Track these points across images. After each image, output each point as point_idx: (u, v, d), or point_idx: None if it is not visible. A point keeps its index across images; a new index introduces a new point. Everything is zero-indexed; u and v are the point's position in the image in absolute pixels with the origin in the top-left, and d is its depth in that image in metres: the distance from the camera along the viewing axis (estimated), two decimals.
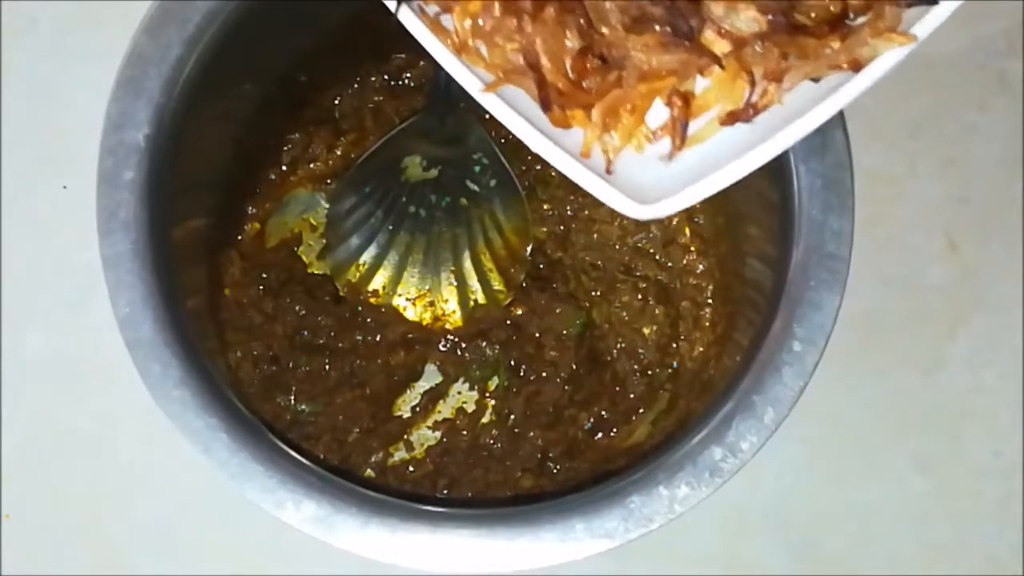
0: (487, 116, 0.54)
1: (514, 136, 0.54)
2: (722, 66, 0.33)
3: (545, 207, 0.55)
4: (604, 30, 0.33)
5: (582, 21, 0.33)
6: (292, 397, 0.51)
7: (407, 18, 0.34)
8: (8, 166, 0.55)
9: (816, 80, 0.33)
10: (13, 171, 0.55)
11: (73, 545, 0.53)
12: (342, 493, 0.40)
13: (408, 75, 0.55)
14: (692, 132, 0.34)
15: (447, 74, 0.47)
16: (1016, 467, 0.55)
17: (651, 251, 0.54)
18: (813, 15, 0.33)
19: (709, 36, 0.33)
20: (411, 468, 0.52)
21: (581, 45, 0.33)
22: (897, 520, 0.54)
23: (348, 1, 0.49)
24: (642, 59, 0.33)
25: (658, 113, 0.34)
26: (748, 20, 0.32)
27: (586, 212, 0.54)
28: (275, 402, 0.50)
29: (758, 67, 0.33)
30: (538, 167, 0.55)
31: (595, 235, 0.54)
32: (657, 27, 0.32)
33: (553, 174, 0.54)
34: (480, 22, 0.33)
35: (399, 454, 0.53)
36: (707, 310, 0.53)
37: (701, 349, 0.52)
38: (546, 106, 0.34)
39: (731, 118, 0.34)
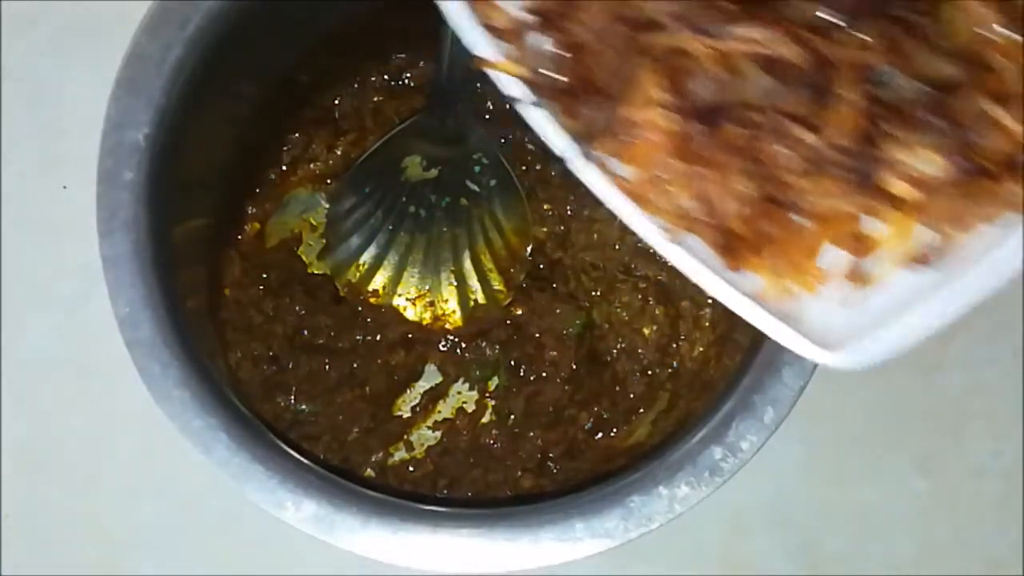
0: (487, 116, 0.54)
1: (514, 136, 0.55)
2: (901, 210, 0.32)
3: (545, 207, 0.55)
4: (782, 176, 0.32)
5: (758, 167, 0.32)
6: (292, 397, 0.51)
7: (588, 175, 0.34)
8: (8, 166, 0.55)
9: (991, 221, 0.33)
10: (13, 171, 0.55)
11: (73, 545, 0.53)
12: (342, 493, 0.40)
13: (408, 75, 0.55)
14: (868, 274, 0.34)
15: (447, 74, 0.48)
16: (1016, 467, 0.55)
17: (651, 251, 0.54)
18: (988, 156, 0.32)
19: (886, 178, 0.32)
20: (411, 468, 0.52)
21: (757, 190, 0.32)
22: (897, 520, 0.54)
23: (348, 1, 0.49)
24: (818, 204, 0.32)
25: (830, 255, 0.34)
26: (929, 163, 0.32)
27: (586, 212, 0.54)
28: (275, 402, 0.50)
29: (938, 210, 0.32)
30: (538, 167, 0.55)
31: (595, 235, 0.54)
32: (835, 171, 0.32)
33: (553, 174, 0.54)
34: (657, 172, 0.33)
35: (399, 454, 0.53)
36: (707, 310, 0.53)
37: (701, 349, 0.52)
38: (726, 253, 0.33)
39: (913, 261, 0.33)
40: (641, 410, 0.52)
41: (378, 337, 0.53)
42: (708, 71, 0.32)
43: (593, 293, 0.54)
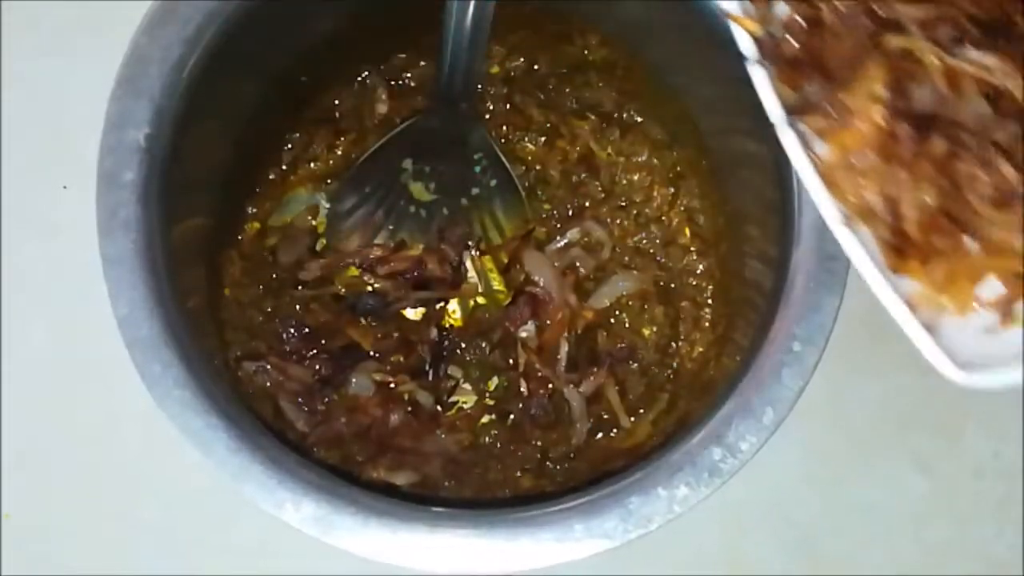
0: (487, 116, 0.54)
1: (514, 136, 0.55)
2: None
3: (545, 207, 0.55)
4: (970, 198, 0.34)
5: (949, 183, 0.34)
6: (292, 397, 0.50)
7: (787, 139, 0.35)
8: (8, 166, 0.55)
9: None
10: (13, 171, 0.55)
11: (73, 545, 0.53)
12: (341, 493, 0.40)
13: (408, 75, 0.55)
14: (1017, 314, 0.35)
15: (448, 74, 0.48)
16: (1016, 467, 0.55)
17: (651, 251, 0.54)
18: None
19: None
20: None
21: (940, 204, 0.34)
22: (897, 520, 0.54)
23: (348, 1, 0.49)
24: (995, 235, 0.34)
25: (988, 286, 0.35)
26: None
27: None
28: (275, 402, 0.50)
29: None
30: (538, 167, 0.55)
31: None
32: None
33: (554, 173, 0.54)
34: (853, 160, 0.35)
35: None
36: (707, 310, 0.53)
37: (701, 349, 0.52)
38: (893, 254, 0.35)
39: None
40: (641, 410, 0.52)
41: (379, 336, 0.53)
42: (934, 83, 0.34)
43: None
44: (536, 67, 0.54)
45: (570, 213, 0.54)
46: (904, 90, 0.34)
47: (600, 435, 0.52)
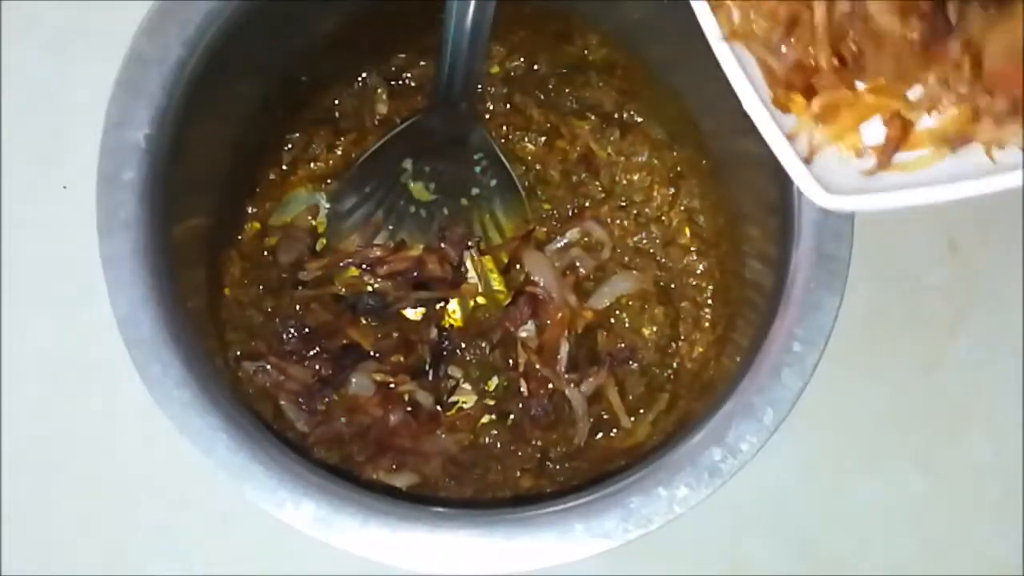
0: (487, 116, 0.54)
1: (514, 136, 0.55)
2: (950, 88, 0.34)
3: (545, 207, 0.55)
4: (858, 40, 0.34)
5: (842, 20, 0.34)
6: (292, 397, 0.50)
7: None
8: (8, 166, 0.55)
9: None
10: (13, 171, 0.55)
11: (73, 545, 0.53)
12: (341, 493, 0.40)
13: (408, 75, 0.55)
14: (897, 161, 0.36)
15: (448, 74, 0.48)
16: (1016, 467, 0.55)
17: (651, 251, 0.54)
18: None
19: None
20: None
21: (830, 40, 0.35)
22: (897, 520, 0.54)
23: (348, 1, 0.49)
24: (886, 64, 0.34)
25: (873, 133, 0.36)
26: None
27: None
28: (275, 402, 0.50)
29: (990, 113, 0.34)
30: (538, 167, 0.55)
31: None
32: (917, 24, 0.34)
33: (554, 173, 0.54)
34: None
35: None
36: (707, 310, 0.53)
37: (701, 350, 0.52)
38: (778, 86, 0.35)
39: (944, 142, 0.35)
40: (641, 410, 0.52)
41: (379, 336, 0.53)
42: None
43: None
44: (536, 67, 0.55)
45: (570, 213, 0.54)
46: None
47: (600, 435, 0.52)
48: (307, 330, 0.52)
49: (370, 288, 0.53)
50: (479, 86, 0.52)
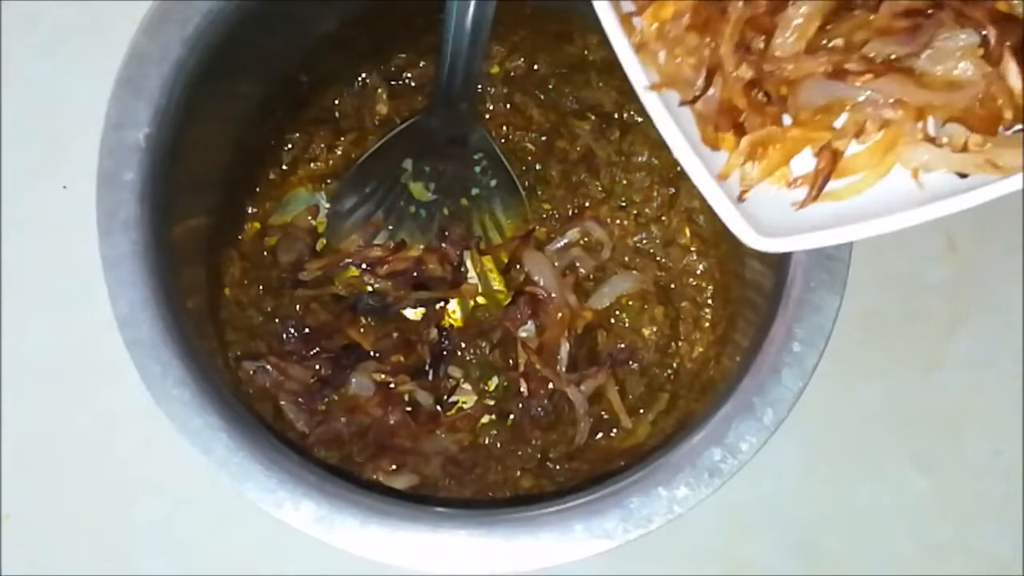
0: (487, 116, 0.54)
1: (514, 136, 0.55)
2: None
3: (545, 207, 0.55)
4: (779, 49, 0.34)
5: (763, 41, 0.35)
6: (291, 397, 0.50)
7: (600, 5, 0.35)
8: (8, 166, 0.55)
9: (963, 176, 0.35)
10: (13, 171, 0.55)
11: (73, 545, 0.53)
12: (341, 493, 0.40)
13: (408, 75, 0.55)
14: (829, 189, 0.36)
15: (448, 74, 0.48)
16: (1016, 467, 0.55)
17: (651, 251, 0.54)
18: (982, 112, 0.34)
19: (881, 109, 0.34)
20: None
21: (752, 76, 0.35)
22: (897, 520, 0.54)
23: (348, 1, 0.49)
24: (806, 99, 0.34)
25: (803, 164, 0.36)
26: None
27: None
28: (274, 402, 0.50)
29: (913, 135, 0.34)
30: (538, 167, 0.55)
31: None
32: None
33: (554, 173, 0.54)
34: (667, 29, 0.35)
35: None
36: (707, 311, 0.53)
37: (701, 350, 0.52)
38: (708, 124, 0.35)
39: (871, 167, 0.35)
40: (641, 410, 0.52)
41: (379, 336, 0.53)
42: None
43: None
44: (536, 67, 0.54)
45: (570, 213, 0.54)
46: None
47: (600, 435, 0.52)
48: (307, 330, 0.52)
49: (370, 288, 0.53)
50: (479, 86, 0.52)
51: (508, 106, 0.55)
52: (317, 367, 0.51)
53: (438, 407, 0.52)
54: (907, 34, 0.34)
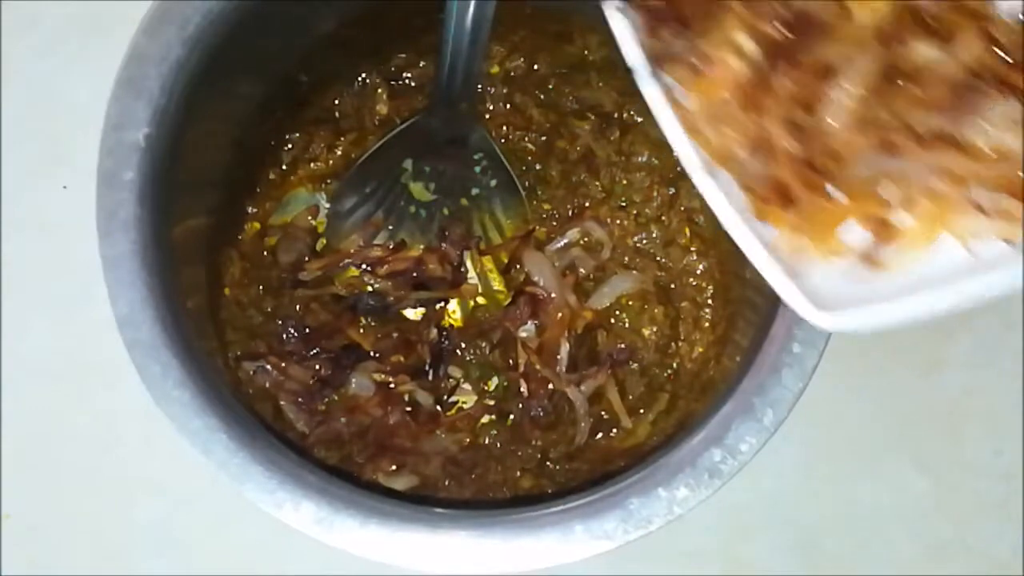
0: (487, 116, 0.54)
1: (514, 136, 0.55)
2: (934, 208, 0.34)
3: (545, 207, 0.55)
4: (827, 125, 0.35)
5: (809, 131, 0.35)
6: (291, 397, 0.50)
7: (649, 90, 0.35)
8: (8, 166, 0.55)
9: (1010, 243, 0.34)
10: (13, 171, 0.55)
11: (73, 545, 0.53)
12: (341, 493, 0.40)
13: (408, 75, 0.55)
14: (881, 260, 0.35)
15: (448, 74, 0.48)
16: (1016, 467, 0.55)
17: (651, 251, 0.54)
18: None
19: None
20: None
21: (803, 155, 0.35)
22: (897, 520, 0.54)
23: (348, 1, 0.49)
24: (854, 172, 0.35)
25: (853, 232, 0.36)
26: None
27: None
28: (274, 402, 0.50)
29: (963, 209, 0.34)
30: (538, 167, 0.55)
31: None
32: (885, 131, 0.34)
33: (554, 173, 0.54)
34: (715, 107, 0.35)
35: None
36: (707, 311, 0.53)
37: (701, 350, 0.52)
38: (757, 199, 0.35)
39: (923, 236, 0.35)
40: (641, 411, 0.52)
41: (379, 336, 0.53)
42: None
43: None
44: (536, 67, 0.54)
45: (570, 213, 0.54)
46: (760, 34, 0.35)
47: (600, 435, 0.52)
48: (307, 330, 0.52)
49: (370, 288, 0.53)
50: (479, 86, 0.52)
51: (508, 106, 0.55)
52: (317, 367, 0.51)
53: (438, 407, 0.52)
54: (952, 105, 0.34)
